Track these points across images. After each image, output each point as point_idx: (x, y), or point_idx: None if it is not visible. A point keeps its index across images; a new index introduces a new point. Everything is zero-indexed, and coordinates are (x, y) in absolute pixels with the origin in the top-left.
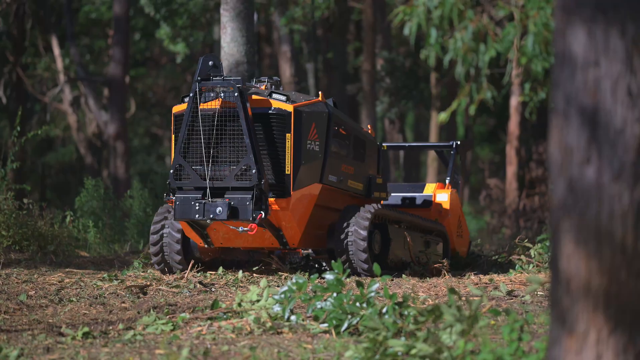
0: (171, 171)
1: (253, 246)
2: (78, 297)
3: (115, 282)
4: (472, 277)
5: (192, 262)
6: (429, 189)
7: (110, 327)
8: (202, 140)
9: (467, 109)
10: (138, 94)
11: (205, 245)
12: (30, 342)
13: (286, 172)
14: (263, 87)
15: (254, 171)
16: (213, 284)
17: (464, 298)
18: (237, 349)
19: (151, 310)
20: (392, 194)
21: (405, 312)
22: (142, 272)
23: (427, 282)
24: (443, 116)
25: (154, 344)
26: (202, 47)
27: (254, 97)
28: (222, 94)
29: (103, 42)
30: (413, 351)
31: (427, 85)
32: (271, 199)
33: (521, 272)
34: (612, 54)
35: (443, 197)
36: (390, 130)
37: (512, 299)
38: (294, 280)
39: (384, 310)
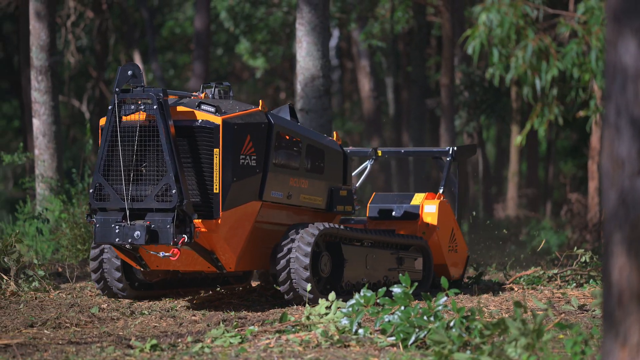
0: (91, 190)
1: (191, 269)
2: (150, 310)
3: (188, 295)
4: (546, 291)
5: (267, 275)
6: (417, 199)
7: (179, 340)
8: (122, 157)
9: (549, 126)
10: None
11: (141, 269)
12: (98, 354)
13: (214, 191)
14: (202, 96)
15: (174, 191)
16: (284, 297)
17: (530, 312)
18: None
19: (221, 323)
20: (378, 206)
21: (472, 326)
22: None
23: (500, 296)
24: (519, 139)
25: (221, 357)
26: (282, 62)
27: (180, 108)
28: (142, 106)
29: (187, 57)
30: None
31: (509, 99)
32: (198, 221)
33: (595, 286)
34: None
35: (431, 208)
36: None
37: (582, 313)
38: (361, 294)
39: (452, 323)
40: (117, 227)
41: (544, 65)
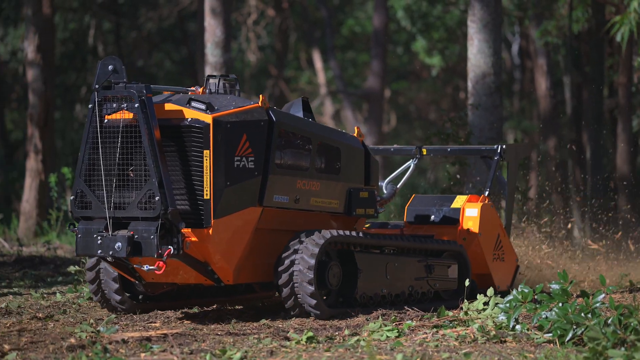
0: (72, 197)
1: (187, 282)
2: None
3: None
4: None
5: None
6: (459, 202)
7: (337, 333)
8: (103, 161)
9: None
10: (400, 107)
11: (136, 282)
12: (255, 345)
13: (205, 197)
14: (200, 91)
15: (157, 198)
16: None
17: None
18: (457, 356)
19: (379, 317)
20: (416, 209)
21: (628, 323)
22: None
23: None
24: None
25: (377, 350)
26: (460, 61)
27: (168, 106)
28: (124, 105)
29: (367, 55)
30: None
31: None
32: (187, 230)
33: None
34: None
35: (472, 212)
36: None
37: None
38: (519, 289)
39: (609, 321)
40: (99, 237)
41: None
